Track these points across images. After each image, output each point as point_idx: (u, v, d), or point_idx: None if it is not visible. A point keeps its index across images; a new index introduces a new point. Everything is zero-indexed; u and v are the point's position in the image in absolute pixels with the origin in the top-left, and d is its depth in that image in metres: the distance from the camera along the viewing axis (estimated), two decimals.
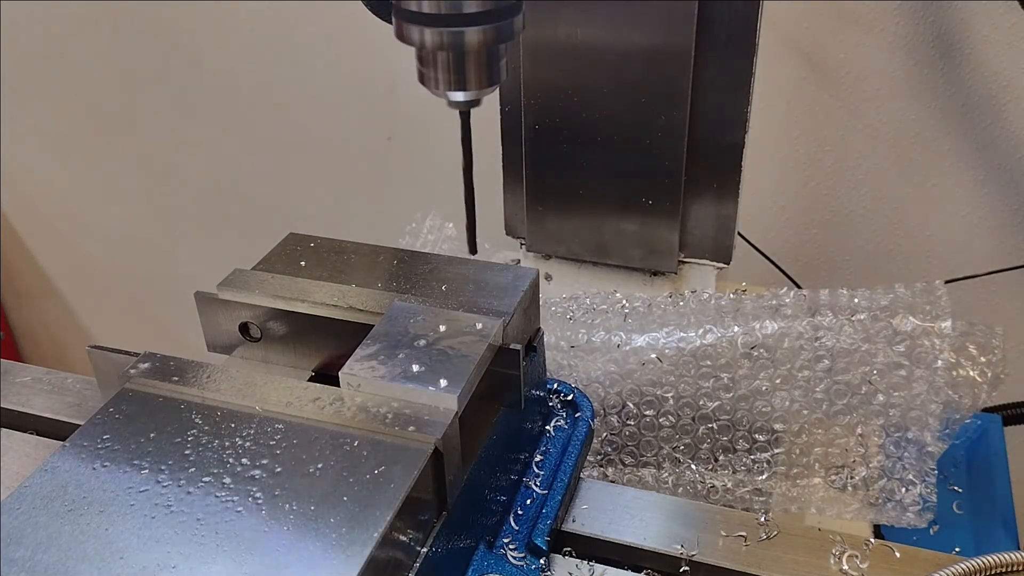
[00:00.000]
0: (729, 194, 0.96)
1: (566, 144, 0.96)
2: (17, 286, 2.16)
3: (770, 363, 0.82)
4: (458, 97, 0.57)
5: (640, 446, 0.86)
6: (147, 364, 0.62)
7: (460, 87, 0.57)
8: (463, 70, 0.56)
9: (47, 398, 0.78)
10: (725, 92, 0.91)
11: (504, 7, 0.54)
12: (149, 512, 0.52)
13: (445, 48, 0.54)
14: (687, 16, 0.86)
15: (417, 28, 0.53)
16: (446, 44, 0.54)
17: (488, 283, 0.68)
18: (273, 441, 0.56)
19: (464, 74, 0.56)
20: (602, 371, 0.84)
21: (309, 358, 0.71)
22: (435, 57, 0.56)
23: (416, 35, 0.54)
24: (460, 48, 0.55)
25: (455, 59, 0.56)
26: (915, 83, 1.27)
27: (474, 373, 0.59)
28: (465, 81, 0.56)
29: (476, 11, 0.53)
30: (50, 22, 1.71)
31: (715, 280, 1.01)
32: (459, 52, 0.55)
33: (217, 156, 1.77)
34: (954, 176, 1.33)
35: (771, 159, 1.39)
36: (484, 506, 0.65)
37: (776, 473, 0.84)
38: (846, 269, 1.46)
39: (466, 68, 0.56)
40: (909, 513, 0.83)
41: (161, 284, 2.00)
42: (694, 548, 0.66)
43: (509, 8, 0.54)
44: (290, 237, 0.78)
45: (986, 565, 0.58)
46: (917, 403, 0.81)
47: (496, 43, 0.55)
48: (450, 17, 0.53)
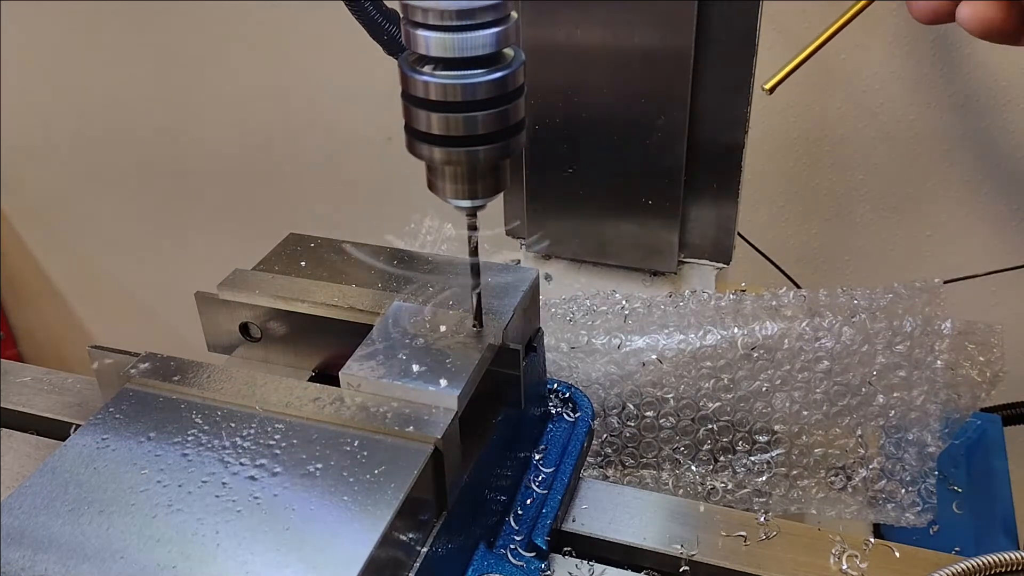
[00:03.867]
0: (729, 194, 0.96)
1: (566, 144, 0.96)
2: (17, 286, 2.16)
3: (770, 364, 0.82)
4: (465, 204, 0.58)
5: (640, 447, 0.86)
6: (147, 364, 0.62)
7: (468, 196, 0.58)
8: (472, 182, 0.57)
9: (47, 398, 0.78)
10: (725, 92, 0.91)
11: (513, 125, 0.54)
12: (149, 512, 0.52)
13: (454, 164, 0.55)
14: (687, 16, 0.86)
15: (426, 146, 0.54)
16: (454, 161, 0.55)
17: (488, 283, 0.68)
18: (273, 441, 0.56)
19: (473, 185, 0.57)
20: (602, 372, 0.84)
21: (309, 358, 0.72)
22: (444, 170, 0.57)
23: (426, 152, 0.55)
24: (469, 165, 0.56)
25: (464, 173, 0.57)
26: (915, 83, 1.27)
27: (474, 373, 0.59)
28: (473, 192, 0.58)
29: (485, 131, 0.53)
30: (50, 22, 1.71)
31: (715, 280, 1.01)
32: (468, 168, 0.56)
33: (217, 156, 1.77)
34: (954, 176, 1.33)
35: (771, 159, 1.39)
36: (484, 506, 0.65)
37: (776, 474, 0.84)
38: (846, 269, 1.46)
39: (475, 180, 0.57)
40: (909, 513, 0.83)
41: (161, 284, 2.00)
42: (694, 548, 0.66)
43: (518, 125, 0.55)
44: (290, 237, 0.78)
45: (986, 565, 0.58)
46: (917, 404, 0.81)
47: (503, 159, 0.56)
48: (459, 139, 0.53)
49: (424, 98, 0.52)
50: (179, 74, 1.69)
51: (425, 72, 0.52)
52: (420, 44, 0.51)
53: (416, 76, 0.52)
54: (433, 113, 0.53)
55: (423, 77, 0.52)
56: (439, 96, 0.52)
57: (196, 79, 1.69)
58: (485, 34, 0.51)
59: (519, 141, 0.56)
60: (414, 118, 0.54)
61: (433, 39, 0.51)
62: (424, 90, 0.52)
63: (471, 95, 0.52)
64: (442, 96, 0.52)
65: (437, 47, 0.51)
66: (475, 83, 0.52)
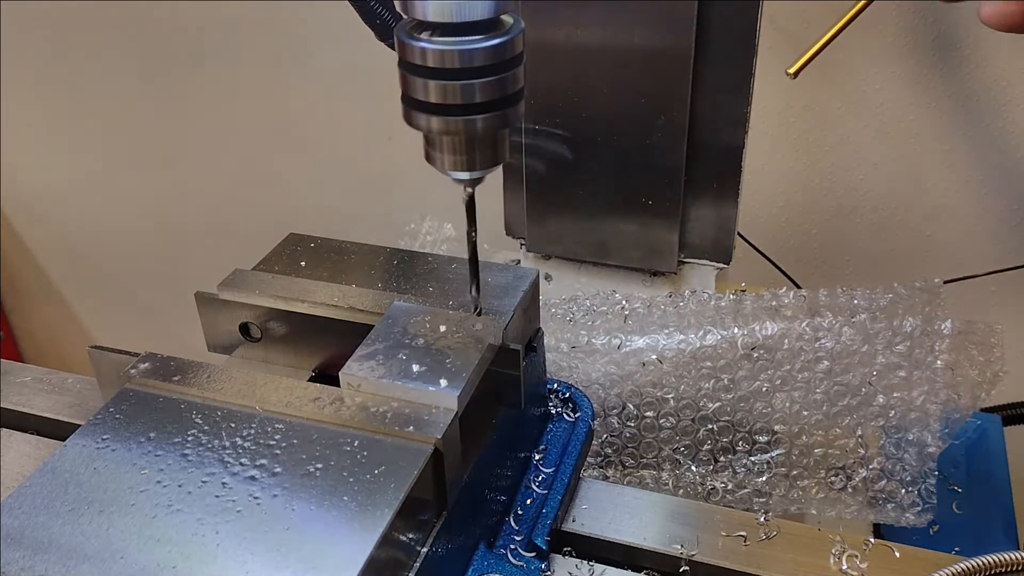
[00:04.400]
0: (729, 194, 0.96)
1: (566, 144, 0.96)
2: (17, 286, 2.16)
3: (770, 364, 0.82)
4: (463, 176, 0.58)
5: (640, 447, 0.86)
6: (147, 364, 0.62)
7: (466, 168, 0.57)
8: (470, 152, 0.56)
9: (47, 398, 0.78)
10: (725, 92, 0.91)
11: (511, 94, 0.54)
12: (149, 512, 0.52)
13: (451, 134, 0.55)
14: (687, 16, 0.86)
15: (424, 115, 0.54)
16: (452, 130, 0.54)
17: (488, 283, 0.68)
18: (273, 441, 0.56)
19: (471, 156, 0.57)
20: (602, 373, 0.84)
21: (309, 358, 0.72)
22: (441, 140, 0.56)
23: (423, 121, 0.54)
24: (467, 134, 0.55)
25: (462, 143, 0.56)
26: (915, 83, 1.27)
27: (474, 373, 0.59)
28: (471, 163, 0.57)
29: (483, 100, 0.53)
30: (51, 22, 1.71)
31: (715, 280, 1.01)
32: (466, 138, 0.56)
33: (217, 156, 1.77)
34: (954, 176, 1.33)
35: (771, 159, 1.39)
36: (484, 506, 0.65)
37: (776, 474, 0.84)
38: (846, 269, 1.46)
39: (473, 151, 0.56)
40: (909, 513, 0.83)
41: (161, 284, 2.00)
42: (694, 548, 0.66)
43: (516, 94, 0.54)
44: (290, 237, 0.78)
45: (986, 565, 0.58)
46: (917, 404, 0.81)
47: (501, 128, 0.56)
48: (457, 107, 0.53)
49: (421, 65, 0.52)
50: (178, 72, 1.69)
51: (423, 38, 0.51)
52: (418, 9, 0.50)
53: (413, 43, 0.51)
54: (431, 80, 0.52)
55: (420, 43, 0.51)
56: (436, 63, 0.51)
57: (196, 78, 1.69)
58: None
59: (518, 111, 0.55)
60: (411, 86, 0.53)
61: (431, 4, 0.50)
62: (421, 56, 0.51)
63: (468, 61, 0.51)
64: (440, 63, 0.51)
65: (435, 12, 0.50)
66: (473, 49, 0.51)
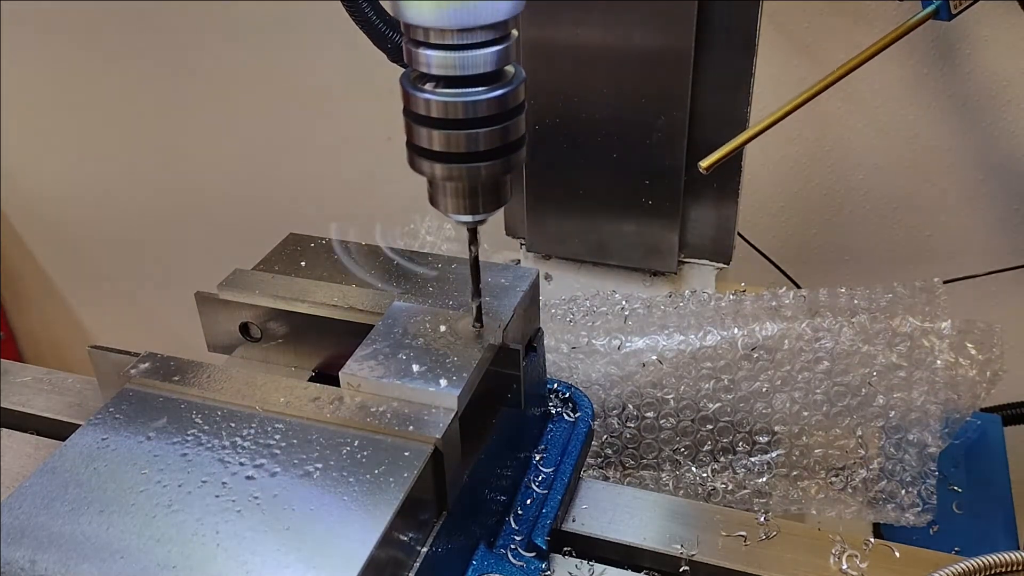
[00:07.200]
0: (729, 194, 0.96)
1: (566, 144, 0.96)
2: (17, 286, 2.16)
3: (770, 364, 0.82)
4: (466, 220, 0.59)
5: (640, 448, 0.86)
6: (147, 364, 0.62)
7: (469, 212, 0.58)
8: (473, 197, 0.57)
9: (47, 398, 0.78)
10: (725, 92, 0.91)
11: (514, 141, 0.55)
12: (149, 512, 0.52)
13: (455, 180, 0.56)
14: (687, 16, 0.86)
15: (428, 162, 0.54)
16: (456, 176, 0.55)
17: (488, 283, 0.68)
18: (273, 441, 0.56)
19: (474, 200, 0.57)
20: (602, 373, 0.84)
21: (309, 358, 0.72)
22: (445, 186, 0.57)
23: (427, 168, 0.55)
24: (470, 181, 0.56)
25: (465, 189, 0.57)
26: (915, 83, 1.27)
27: (474, 373, 0.59)
28: (474, 207, 0.58)
29: (486, 148, 0.54)
30: (51, 22, 1.71)
31: (715, 280, 1.01)
32: (469, 184, 0.56)
33: (217, 156, 1.77)
34: (954, 176, 1.33)
35: (771, 159, 1.39)
36: (484, 506, 0.65)
37: (776, 475, 0.84)
38: (846, 269, 1.46)
39: (476, 196, 0.57)
40: (909, 513, 0.83)
41: (161, 284, 2.00)
42: (694, 548, 0.66)
43: (518, 141, 0.55)
44: (290, 237, 0.78)
45: (986, 565, 0.58)
46: (917, 404, 0.81)
47: (504, 175, 0.57)
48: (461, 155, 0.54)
49: (426, 115, 0.53)
50: (178, 72, 1.69)
51: (427, 89, 0.52)
52: (422, 62, 0.52)
53: (418, 94, 0.52)
54: (435, 130, 0.53)
55: (424, 95, 0.52)
56: (440, 113, 0.52)
57: (196, 78, 1.69)
58: (486, 52, 0.51)
59: (519, 157, 0.56)
60: (416, 135, 0.54)
61: (435, 57, 0.51)
62: (426, 107, 0.52)
63: (472, 112, 0.52)
64: (443, 113, 0.52)
65: (439, 65, 0.51)
66: (477, 100, 0.52)
